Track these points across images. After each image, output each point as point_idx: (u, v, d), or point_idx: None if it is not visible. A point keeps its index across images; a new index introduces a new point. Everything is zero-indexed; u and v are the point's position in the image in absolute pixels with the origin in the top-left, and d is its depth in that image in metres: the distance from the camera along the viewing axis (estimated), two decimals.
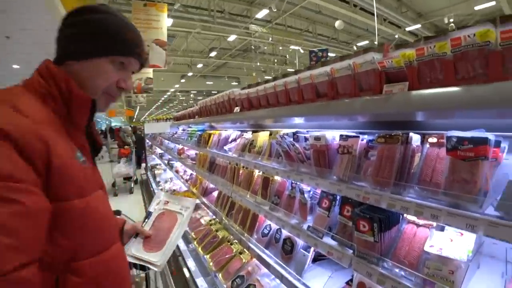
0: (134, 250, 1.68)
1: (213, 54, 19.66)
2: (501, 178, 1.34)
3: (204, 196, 4.53)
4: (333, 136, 1.97)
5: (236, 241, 3.27)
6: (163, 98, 37.93)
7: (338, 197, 1.96)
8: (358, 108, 1.69)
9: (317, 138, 1.97)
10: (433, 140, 1.55)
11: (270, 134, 2.79)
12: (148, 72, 13.85)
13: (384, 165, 1.59)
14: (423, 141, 1.60)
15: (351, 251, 1.73)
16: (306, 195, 2.20)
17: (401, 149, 1.54)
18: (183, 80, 26.82)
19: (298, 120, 2.50)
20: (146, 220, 1.89)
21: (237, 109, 3.41)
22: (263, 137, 2.96)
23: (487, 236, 1.18)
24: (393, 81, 1.58)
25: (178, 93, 35.42)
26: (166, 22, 9.47)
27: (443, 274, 1.36)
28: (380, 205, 1.55)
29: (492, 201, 1.27)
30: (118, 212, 3.43)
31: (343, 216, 1.83)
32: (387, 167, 1.57)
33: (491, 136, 1.27)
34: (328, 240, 1.92)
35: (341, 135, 1.87)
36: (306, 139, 2.15)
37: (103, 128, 28.37)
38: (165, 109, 53.63)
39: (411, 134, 1.54)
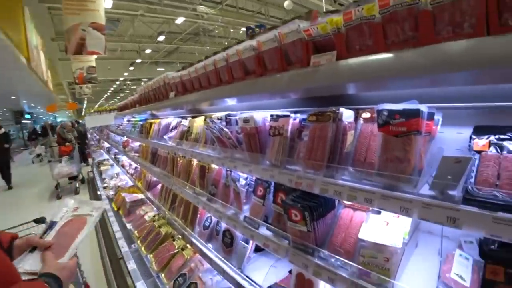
0: (29, 265, 1.38)
1: (161, 38, 18.49)
2: (436, 154, 1.24)
3: (148, 190, 4.18)
4: (264, 117, 1.77)
5: (179, 236, 3.02)
6: (112, 88, 35.44)
7: (272, 184, 1.78)
8: (285, 84, 1.49)
9: (246, 120, 1.75)
10: (366, 115, 1.41)
11: (205, 120, 2.53)
12: (90, 60, 12.61)
13: (317, 145, 1.42)
14: (357, 117, 1.46)
15: (287, 241, 1.57)
16: (238, 184, 2.00)
17: (333, 127, 1.38)
18: (132, 68, 25.09)
19: (231, 102, 2.27)
20: (48, 231, 1.58)
21: (172, 94, 3.08)
22: (199, 123, 2.69)
23: (421, 219, 1.06)
24: (322, 51, 1.40)
25: (129, 82, 33.27)
26: (103, 3, 8.55)
27: (379, 262, 1.24)
28: (313, 190, 1.39)
29: (427, 179, 1.15)
30: (41, 220, 3.00)
31: (277, 205, 1.66)
32: (320, 148, 1.41)
33: (423, 107, 1.14)
34: (264, 231, 1.75)
35: (271, 115, 1.67)
36: (237, 122, 1.93)
37: (38, 127, 25.79)
38: (116, 99, 50.39)
39: (341, 110, 1.37)
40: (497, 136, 1.16)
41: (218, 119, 2.28)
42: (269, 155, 1.67)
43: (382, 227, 1.32)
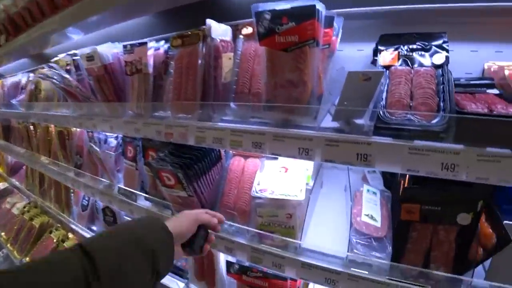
0: None
1: None
2: (337, 76, 0.94)
3: (12, 175, 3.24)
4: (116, 51, 1.24)
5: (58, 225, 2.40)
6: None
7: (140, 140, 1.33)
8: None
9: (90, 58, 1.20)
10: (248, 30, 1.02)
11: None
12: None
13: (186, 79, 1.00)
14: (235, 35, 1.06)
15: (170, 212, 1.19)
16: (103, 147, 1.49)
17: (203, 50, 0.96)
18: None
19: (75, 35, 1.62)
20: None
21: (2, 38, 2.18)
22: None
23: (327, 161, 0.78)
24: None
25: None
26: None
27: (280, 221, 0.97)
28: (187, 141, 1.00)
29: (329, 107, 0.86)
30: None
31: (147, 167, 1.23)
32: (190, 82, 0.99)
33: (319, 4, 0.80)
34: (143, 201, 1.33)
35: (124, 46, 1.15)
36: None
37: None
38: None
39: (209, 23, 0.95)
40: (406, 47, 0.90)
41: (67, 64, 1.64)
42: (130, 102, 1.18)
43: (281, 176, 1.03)
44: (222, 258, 1.30)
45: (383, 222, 0.98)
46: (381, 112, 0.75)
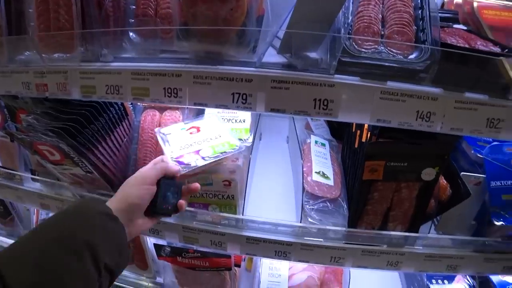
0: None
1: None
2: None
3: None
4: None
5: None
6: None
7: None
8: None
9: None
10: None
11: None
12: None
13: None
14: None
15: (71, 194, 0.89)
16: None
17: None
18: None
19: None
20: None
21: None
22: None
23: (273, 111, 0.55)
24: None
25: None
26: None
27: (217, 190, 0.75)
28: (71, 94, 0.67)
29: (273, 34, 0.60)
30: None
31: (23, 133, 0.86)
32: (62, 2, 0.63)
33: None
34: (32, 184, 0.99)
35: None
36: None
37: None
38: None
39: None
40: None
41: None
42: None
43: (212, 130, 0.78)
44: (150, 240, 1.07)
45: (335, 179, 0.85)
46: (346, 43, 0.54)
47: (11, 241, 0.76)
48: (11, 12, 0.77)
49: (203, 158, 0.68)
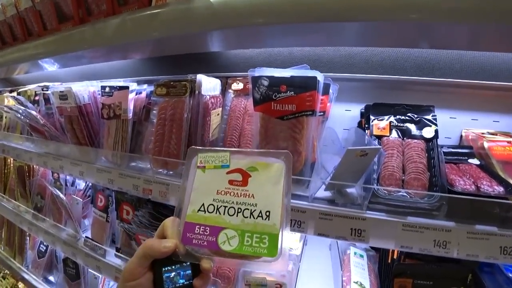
0: None
1: None
2: (328, 136, 0.94)
3: None
4: (93, 90, 1.16)
5: (7, 272, 2.13)
6: None
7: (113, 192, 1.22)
8: (113, 33, 0.92)
9: (63, 96, 1.12)
10: (238, 86, 1.00)
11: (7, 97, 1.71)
12: None
13: (170, 131, 0.94)
14: (225, 88, 1.03)
15: None
16: (67, 191, 1.37)
17: (190, 104, 0.92)
18: None
19: (50, 67, 1.52)
20: None
21: None
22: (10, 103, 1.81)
23: (320, 235, 0.74)
24: None
25: None
26: None
27: None
28: (169, 200, 0.92)
29: (323, 177, 0.83)
30: None
31: (124, 222, 1.13)
32: (174, 136, 0.94)
33: (319, 75, 0.79)
34: (113, 258, 1.20)
35: (102, 88, 1.09)
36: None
37: None
38: None
39: (200, 77, 0.91)
40: (397, 117, 0.90)
41: (35, 93, 1.53)
42: (104, 148, 1.10)
43: None
44: None
45: None
46: (376, 189, 0.74)
47: None
48: (133, 131, 1.10)
49: (216, 246, 0.50)
